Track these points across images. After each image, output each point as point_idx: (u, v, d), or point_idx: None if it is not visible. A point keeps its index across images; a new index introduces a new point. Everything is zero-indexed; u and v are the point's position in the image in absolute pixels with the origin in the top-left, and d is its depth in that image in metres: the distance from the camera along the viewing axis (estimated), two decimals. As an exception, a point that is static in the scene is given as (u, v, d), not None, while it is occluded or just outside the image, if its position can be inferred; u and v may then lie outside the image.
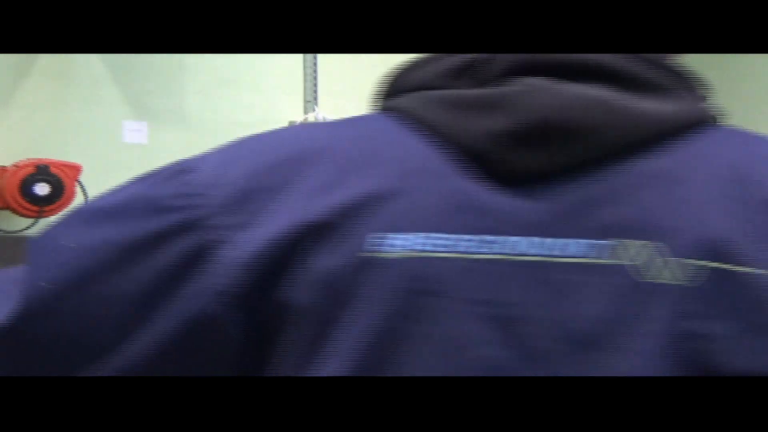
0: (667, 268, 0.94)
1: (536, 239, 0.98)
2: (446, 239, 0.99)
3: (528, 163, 0.97)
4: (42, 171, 5.84)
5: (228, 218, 1.03)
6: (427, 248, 0.99)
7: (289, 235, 1.01)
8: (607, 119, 0.97)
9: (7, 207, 5.66)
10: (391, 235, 0.99)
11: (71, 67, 6.48)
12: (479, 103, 1.00)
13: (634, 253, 0.95)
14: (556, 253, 0.97)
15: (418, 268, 0.99)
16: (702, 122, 0.99)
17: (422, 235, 0.99)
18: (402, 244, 0.99)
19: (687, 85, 1.04)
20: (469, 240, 0.98)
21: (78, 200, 6.19)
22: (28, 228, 5.86)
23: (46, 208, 5.76)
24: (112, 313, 1.08)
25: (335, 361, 1.01)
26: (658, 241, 0.93)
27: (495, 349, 0.97)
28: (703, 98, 1.03)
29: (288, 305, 1.01)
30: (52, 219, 5.19)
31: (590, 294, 0.95)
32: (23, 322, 1.06)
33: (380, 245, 1.00)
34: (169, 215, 1.05)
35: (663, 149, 0.98)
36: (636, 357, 0.93)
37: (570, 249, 0.97)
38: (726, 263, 0.91)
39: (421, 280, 0.99)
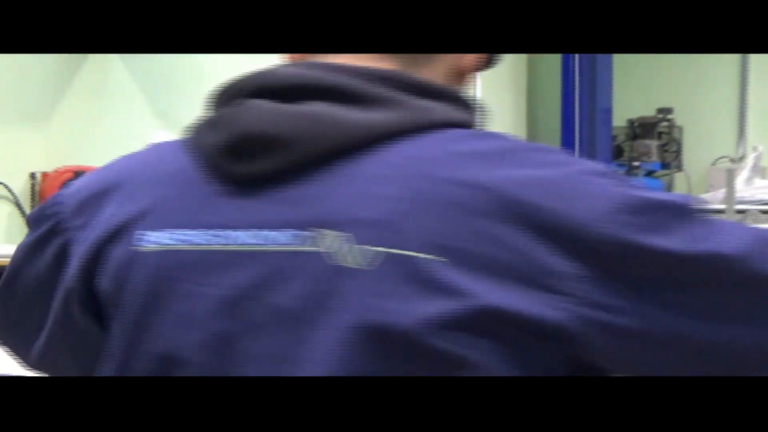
0: (351, 254, 0.97)
1: (253, 232, 1.04)
2: (186, 235, 1.07)
3: (243, 170, 1.04)
4: (79, 176, 5.01)
5: (75, 221, 1.17)
6: (172, 242, 1.07)
7: (100, 237, 1.13)
8: (315, 129, 1.01)
9: None
10: (147, 233, 1.08)
11: (105, 84, 6.41)
12: (211, 122, 1.08)
13: (329, 242, 0.99)
14: (269, 242, 1.02)
15: (164, 258, 1.07)
16: (421, 128, 1.02)
17: (168, 231, 1.08)
18: (155, 240, 1.08)
19: (420, 96, 1.06)
20: (203, 235, 1.06)
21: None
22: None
23: None
24: (30, 298, 1.26)
25: (115, 338, 1.13)
26: (347, 231, 0.97)
27: (223, 323, 1.03)
28: (433, 106, 1.07)
29: (100, 292, 1.13)
30: None
31: (295, 276, 0.99)
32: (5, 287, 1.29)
33: (141, 241, 1.09)
34: (47, 222, 1.20)
35: (369, 152, 1.00)
36: (330, 330, 0.97)
37: (279, 239, 1.02)
38: (386, 247, 0.96)
39: (166, 268, 1.07)
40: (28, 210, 5.87)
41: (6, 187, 5.47)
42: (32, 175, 5.64)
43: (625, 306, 0.94)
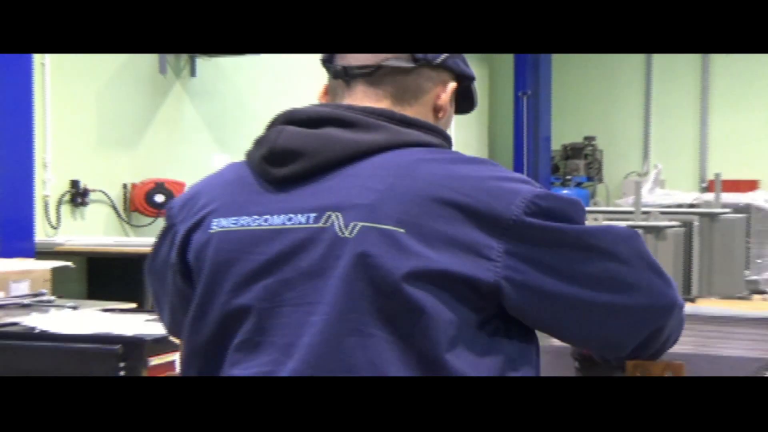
0: (346, 229, 1.08)
1: (284, 216, 1.12)
2: (240, 220, 1.16)
3: (277, 173, 1.14)
4: (159, 186, 6.18)
5: (178, 218, 1.24)
6: (231, 226, 1.16)
7: (189, 227, 1.20)
8: (326, 145, 1.12)
9: (137, 210, 5.82)
10: (216, 221, 1.17)
11: (178, 119, 6.77)
12: (258, 141, 1.18)
13: (334, 220, 1.09)
14: (295, 223, 1.11)
15: (227, 237, 1.16)
16: (398, 145, 1.13)
17: (229, 219, 1.16)
18: (221, 225, 1.17)
19: (397, 124, 1.17)
20: (251, 220, 1.15)
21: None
22: (149, 224, 5.92)
23: (162, 211, 5.78)
24: (160, 271, 1.30)
25: (197, 296, 1.19)
26: (343, 213, 1.08)
27: (267, 278, 1.11)
28: (409, 132, 1.17)
29: (190, 259, 1.19)
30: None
31: (312, 246, 1.09)
32: (149, 271, 1.35)
33: (212, 227, 1.18)
34: (167, 220, 1.29)
35: (364, 160, 1.11)
36: (333, 278, 1.07)
37: (302, 221, 1.11)
38: (373, 223, 1.06)
39: (228, 243, 1.15)
40: (121, 211, 5.95)
41: (105, 194, 5.65)
42: (124, 186, 5.76)
43: (528, 270, 1.06)
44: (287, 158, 1.13)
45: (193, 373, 1.18)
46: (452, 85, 1.22)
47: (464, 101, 1.26)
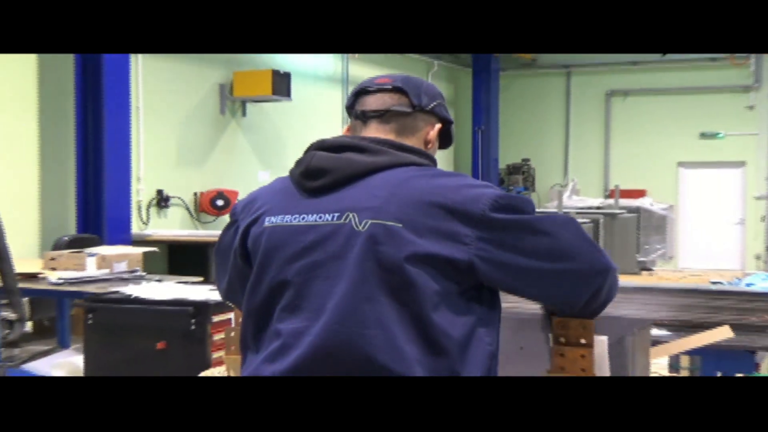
0: (360, 224, 1.07)
1: (315, 215, 1.12)
2: (285, 218, 1.14)
3: (310, 185, 1.14)
4: (219, 194, 5.59)
5: (240, 216, 1.22)
6: (279, 221, 1.14)
7: (248, 222, 1.18)
8: (345, 165, 1.13)
9: (203, 211, 5.86)
10: (268, 218, 1.15)
11: (233, 144, 6.67)
12: (297, 162, 1.18)
13: (351, 218, 1.09)
14: (323, 220, 1.11)
15: (275, 230, 1.14)
16: (398, 165, 1.13)
17: (277, 217, 1.15)
18: (271, 221, 1.15)
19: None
20: (292, 218, 1.13)
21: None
22: (212, 221, 5.93)
23: (222, 212, 5.87)
24: (225, 254, 1.25)
25: (252, 274, 1.15)
26: (358, 213, 1.08)
27: (304, 259, 1.10)
28: (406, 155, 1.15)
29: (249, 245, 1.18)
30: (224, 216, 4.91)
31: (336, 236, 1.09)
32: (216, 252, 1.31)
33: (265, 223, 1.15)
34: (231, 218, 1.25)
35: (372, 175, 1.12)
36: (351, 260, 1.07)
37: (328, 218, 1.11)
38: (379, 220, 1.06)
39: (276, 234, 1.14)
40: (192, 212, 6.01)
41: (181, 199, 5.83)
42: (195, 193, 5.97)
43: (493, 249, 1.07)
44: (318, 175, 1.13)
45: (250, 327, 1.18)
46: (438, 126, 1.22)
47: (444, 139, 1.26)
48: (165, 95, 5.45)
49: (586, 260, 1.07)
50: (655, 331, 1.76)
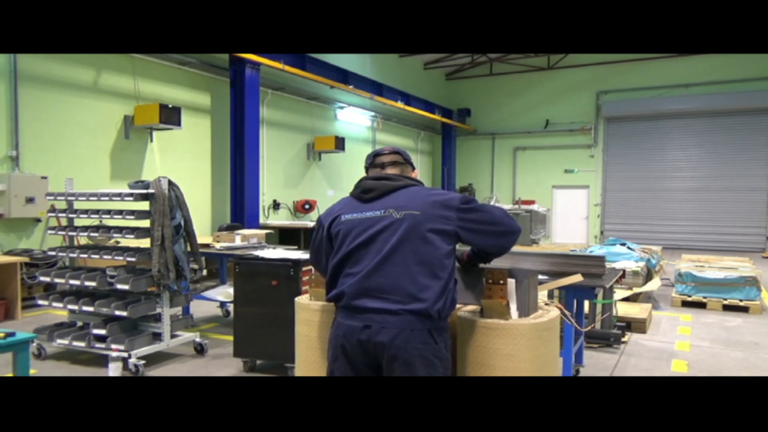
0: (398, 214, 1.17)
1: (370, 213, 1.21)
2: (353, 215, 1.22)
3: (366, 197, 1.26)
4: (306, 201, 5.78)
5: (323, 219, 1.29)
6: (350, 217, 1.22)
7: (330, 220, 1.26)
8: (384, 186, 1.28)
9: (298, 211, 5.42)
10: (342, 216, 1.25)
11: (313, 175, 6.45)
12: (356, 185, 1.30)
13: (392, 212, 1.17)
14: (374, 214, 1.18)
15: (348, 222, 1.23)
16: (409, 185, 1.29)
17: (348, 214, 1.24)
18: (344, 217, 1.23)
19: (408, 174, 1.41)
20: (357, 214, 1.21)
21: (316, 212, 6.17)
22: (303, 216, 5.70)
23: (307, 211, 5.48)
24: (318, 246, 1.32)
25: (333, 250, 1.21)
26: (395, 209, 1.19)
27: (365, 236, 1.16)
28: (412, 177, 1.37)
29: (332, 233, 1.29)
30: (310, 213, 6.46)
31: (383, 222, 1.20)
32: (312, 245, 1.50)
33: (341, 218, 1.24)
34: (318, 222, 1.31)
35: (398, 191, 1.25)
36: (397, 234, 1.17)
37: (377, 213, 1.18)
38: (408, 211, 1.18)
39: (348, 225, 1.23)
40: (292, 211, 5.60)
41: (286, 205, 5.66)
42: (293, 201, 5.87)
43: (465, 223, 1.22)
44: (369, 191, 1.34)
45: (333, 275, 1.27)
46: (416, 171, 1.54)
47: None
48: (277, 149, 6.92)
49: (508, 225, 1.31)
50: (541, 277, 1.80)
